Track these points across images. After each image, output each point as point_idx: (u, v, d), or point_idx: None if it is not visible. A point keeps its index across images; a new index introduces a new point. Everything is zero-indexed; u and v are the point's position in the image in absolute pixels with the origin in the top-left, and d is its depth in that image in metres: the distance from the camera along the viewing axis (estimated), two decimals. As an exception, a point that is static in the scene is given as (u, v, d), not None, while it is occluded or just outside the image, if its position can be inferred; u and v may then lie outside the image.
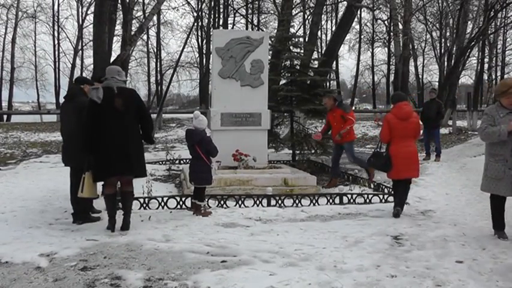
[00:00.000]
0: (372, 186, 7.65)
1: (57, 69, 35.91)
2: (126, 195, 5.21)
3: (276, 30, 21.68)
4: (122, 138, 4.94)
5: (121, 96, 4.96)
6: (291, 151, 10.47)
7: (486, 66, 33.59)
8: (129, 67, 29.73)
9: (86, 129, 4.97)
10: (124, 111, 4.95)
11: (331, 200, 6.57)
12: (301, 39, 12.03)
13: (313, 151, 10.06)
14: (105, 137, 4.91)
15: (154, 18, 28.65)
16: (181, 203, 6.16)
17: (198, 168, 5.85)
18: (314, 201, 6.48)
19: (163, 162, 10.11)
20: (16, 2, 32.71)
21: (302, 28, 32.89)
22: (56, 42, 35.68)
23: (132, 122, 5.04)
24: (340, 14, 29.38)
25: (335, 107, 8.19)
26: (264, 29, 31.05)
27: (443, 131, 15.16)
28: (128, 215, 5.13)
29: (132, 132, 5.05)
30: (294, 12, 25.13)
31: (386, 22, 36.21)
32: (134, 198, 5.82)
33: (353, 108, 42.67)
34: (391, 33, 29.53)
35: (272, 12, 32.53)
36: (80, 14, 35.54)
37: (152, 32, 35.26)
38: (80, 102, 5.27)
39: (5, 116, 30.33)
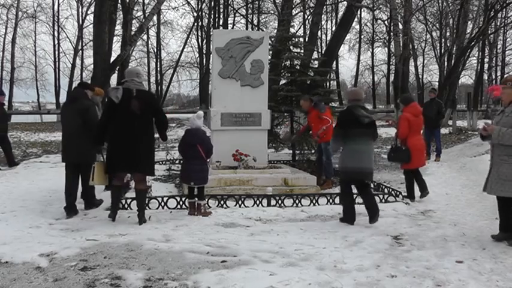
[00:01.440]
0: (372, 186, 7.65)
1: (57, 69, 35.84)
2: (138, 193, 5.53)
3: (276, 30, 21.69)
4: (132, 138, 5.24)
5: (138, 98, 5.25)
6: (291, 151, 10.47)
7: (486, 66, 33.54)
8: (129, 67, 29.70)
9: (100, 124, 5.46)
10: (139, 113, 5.23)
11: (331, 200, 6.57)
12: (301, 39, 12.03)
13: (313, 151, 10.05)
14: (117, 135, 5.27)
15: (154, 18, 28.65)
16: (181, 203, 6.16)
17: (199, 168, 5.84)
18: (314, 201, 6.48)
19: (163, 162, 10.10)
20: (16, 2, 32.64)
21: (302, 28, 32.87)
22: (56, 42, 35.62)
23: (145, 123, 5.32)
24: (340, 14, 29.39)
25: (311, 107, 8.20)
26: (264, 29, 31.04)
27: (443, 131, 15.13)
28: (142, 212, 5.42)
29: (143, 133, 5.31)
30: (294, 12, 25.10)
31: (386, 22, 36.19)
32: (134, 198, 5.98)
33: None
34: (391, 33, 29.50)
35: (272, 12, 32.51)
36: (80, 14, 35.50)
37: (152, 32, 35.25)
38: (84, 104, 5.79)
39: (5, 116, 30.26)
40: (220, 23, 31.13)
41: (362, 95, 5.55)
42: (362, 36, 40.11)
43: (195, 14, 33.21)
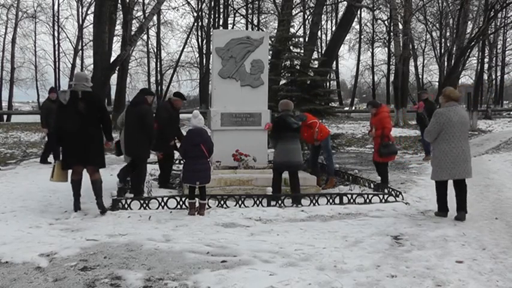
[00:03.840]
0: (372, 186, 7.66)
1: (57, 69, 35.92)
2: (92, 183, 5.91)
3: (276, 30, 21.71)
4: (81, 135, 5.71)
5: (84, 100, 5.79)
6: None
7: (486, 66, 33.56)
8: (129, 67, 29.74)
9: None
10: (85, 113, 5.74)
11: (331, 200, 6.56)
12: (301, 39, 12.05)
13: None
14: (68, 133, 5.75)
15: (154, 18, 28.68)
16: (181, 203, 6.16)
17: (203, 167, 5.90)
18: (314, 201, 6.47)
19: (164, 162, 10.06)
20: (16, 2, 32.71)
21: (302, 28, 32.93)
22: (56, 42, 35.73)
23: (91, 121, 5.82)
24: (340, 14, 29.42)
25: None
26: (264, 29, 31.07)
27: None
28: (100, 199, 5.84)
29: (90, 130, 5.79)
30: (294, 12, 25.13)
31: (386, 22, 36.25)
32: (134, 198, 6.22)
33: (353, 108, 42.96)
34: (391, 33, 29.53)
35: (272, 12, 32.60)
36: (80, 14, 35.61)
37: (152, 32, 35.33)
38: (143, 109, 6.59)
39: (5, 116, 30.34)
40: (220, 23, 31.18)
41: (291, 105, 6.98)
42: (362, 36, 40.26)
43: (195, 14, 33.28)
